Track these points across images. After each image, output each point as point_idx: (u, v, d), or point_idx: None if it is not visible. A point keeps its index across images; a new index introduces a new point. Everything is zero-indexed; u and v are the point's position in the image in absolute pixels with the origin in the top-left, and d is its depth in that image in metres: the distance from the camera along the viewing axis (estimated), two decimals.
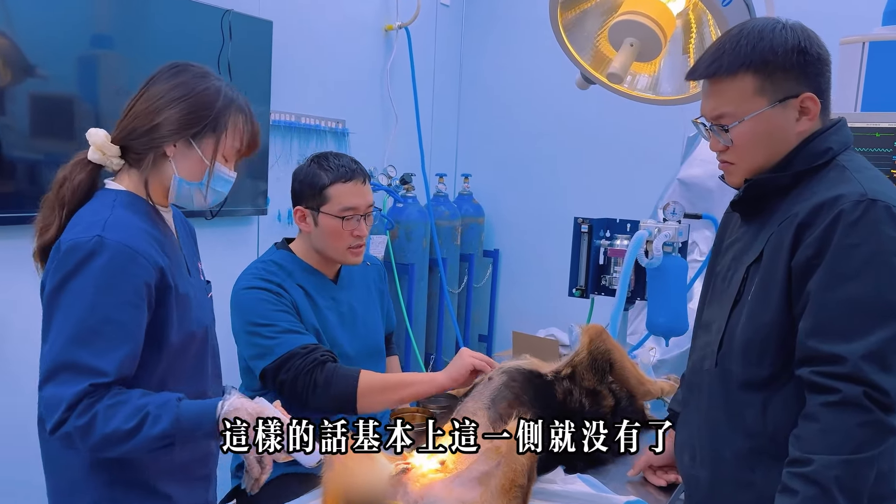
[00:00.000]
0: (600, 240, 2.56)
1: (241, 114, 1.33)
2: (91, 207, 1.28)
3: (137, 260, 1.22)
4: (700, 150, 3.37)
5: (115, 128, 1.31)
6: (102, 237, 1.19)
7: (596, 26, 1.91)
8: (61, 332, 1.19)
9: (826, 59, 1.26)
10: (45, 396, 1.20)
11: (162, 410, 1.20)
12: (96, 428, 1.17)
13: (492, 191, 4.20)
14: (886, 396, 1.09)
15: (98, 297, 1.18)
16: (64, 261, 1.20)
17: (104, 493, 1.28)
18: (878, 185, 1.17)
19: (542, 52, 3.97)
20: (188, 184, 1.30)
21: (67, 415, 1.17)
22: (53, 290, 1.21)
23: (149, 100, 1.29)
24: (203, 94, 1.29)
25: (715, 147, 1.34)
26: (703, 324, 1.41)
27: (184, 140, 1.28)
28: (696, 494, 1.36)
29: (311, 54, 3.30)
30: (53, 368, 1.19)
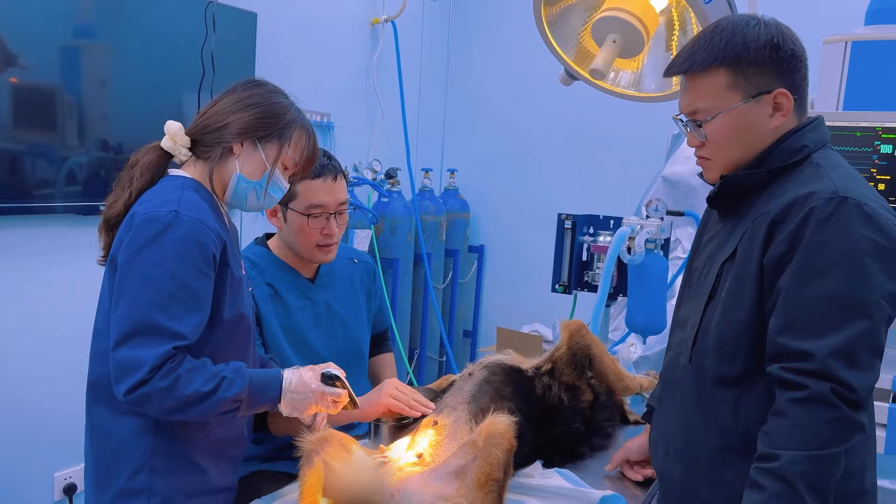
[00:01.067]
0: (583, 236, 2.56)
1: (305, 132, 1.45)
2: (161, 187, 1.38)
3: (208, 234, 1.30)
4: (684, 147, 3.39)
5: (193, 121, 1.44)
6: (178, 212, 1.28)
7: (579, 22, 1.91)
8: (139, 298, 1.25)
9: (801, 56, 1.27)
10: (121, 358, 1.24)
11: (236, 375, 1.31)
12: (178, 390, 1.24)
13: (477, 186, 4.21)
14: (854, 393, 1.10)
15: (176, 265, 1.26)
16: (140, 231, 1.28)
17: (147, 459, 1.34)
18: (850, 182, 1.18)
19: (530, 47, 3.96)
20: (246, 181, 1.40)
21: (150, 376, 1.22)
22: (129, 258, 1.27)
23: (227, 103, 1.40)
24: (275, 105, 1.41)
25: (692, 143, 1.35)
26: (680, 320, 1.42)
27: (251, 141, 1.39)
28: (670, 490, 1.37)
29: (296, 47, 3.29)
30: (131, 331, 1.24)
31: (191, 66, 2.71)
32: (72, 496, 2.52)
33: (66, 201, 2.43)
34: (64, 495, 2.51)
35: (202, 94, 2.75)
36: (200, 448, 1.38)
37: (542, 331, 3.77)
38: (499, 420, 1.36)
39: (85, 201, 2.48)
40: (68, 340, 2.48)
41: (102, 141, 2.54)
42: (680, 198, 3.30)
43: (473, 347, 4.20)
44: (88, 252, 2.53)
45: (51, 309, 2.46)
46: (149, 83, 2.60)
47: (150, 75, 2.60)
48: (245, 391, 1.30)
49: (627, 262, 2.21)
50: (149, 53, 2.59)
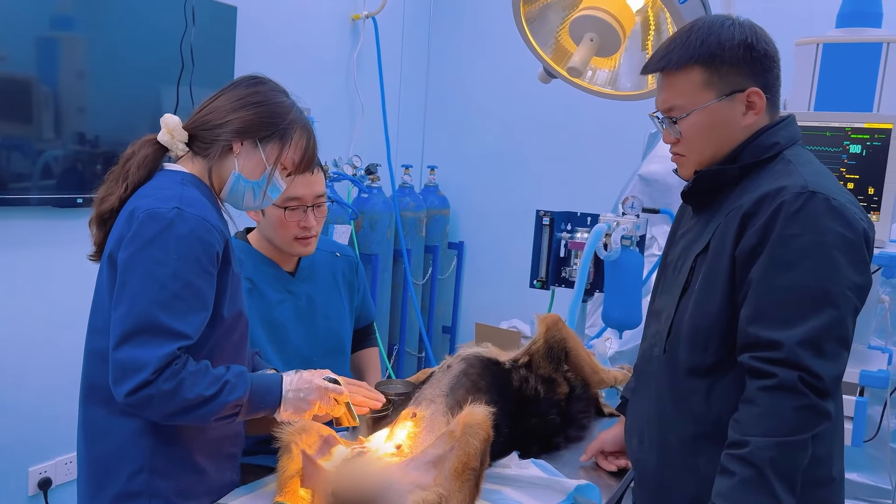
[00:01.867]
0: (561, 232, 2.59)
1: (306, 133, 1.44)
2: (160, 182, 1.35)
3: (212, 231, 1.29)
4: (661, 146, 3.43)
5: (190, 117, 1.41)
6: (181, 209, 1.26)
7: (557, 20, 1.94)
8: (142, 296, 1.22)
9: (773, 56, 1.30)
10: (122, 358, 1.21)
11: (238, 379, 1.29)
12: (181, 393, 1.22)
13: (457, 183, 4.22)
14: (820, 381, 1.13)
15: (180, 263, 1.24)
16: (143, 228, 1.25)
17: (147, 461, 1.31)
18: (820, 178, 1.22)
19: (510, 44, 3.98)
20: (245, 181, 1.38)
21: (154, 377, 1.19)
22: (132, 255, 1.24)
23: (228, 99, 1.38)
24: (277, 105, 1.40)
25: (667, 139, 1.38)
26: (654, 312, 1.44)
27: (251, 140, 1.37)
28: (645, 478, 1.40)
29: (277, 41, 3.28)
30: (133, 330, 1.21)
31: (170, 59, 2.70)
32: (46, 491, 2.50)
33: (42, 194, 2.41)
34: (38, 490, 2.48)
35: (181, 87, 2.74)
36: (200, 448, 1.36)
37: (521, 327, 3.79)
38: (476, 410, 1.38)
39: (60, 194, 2.46)
40: (43, 335, 2.46)
41: (79, 134, 2.52)
42: (656, 196, 3.35)
43: (452, 343, 4.22)
44: (65, 246, 2.54)
45: (25, 302, 2.43)
46: (126, 76, 2.58)
47: (128, 68, 2.58)
48: (246, 396, 1.28)
49: (604, 258, 2.24)
50: (127, 46, 2.57)
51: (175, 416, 1.25)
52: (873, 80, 2.37)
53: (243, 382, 1.29)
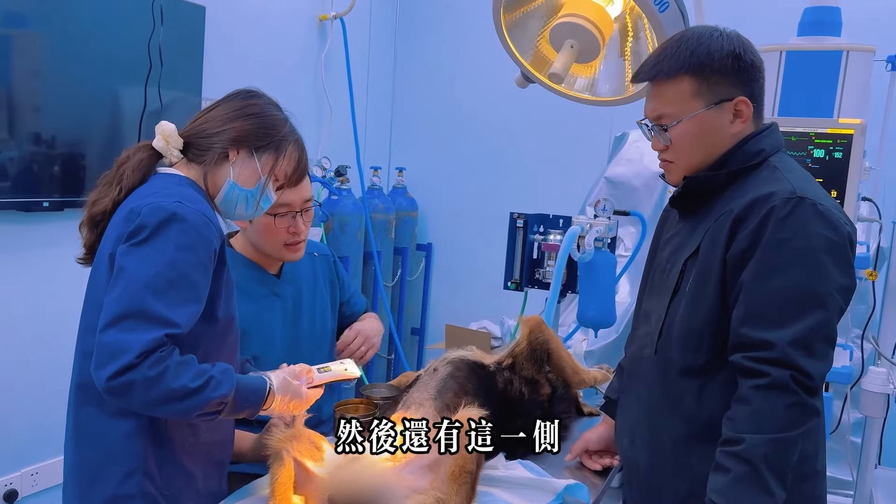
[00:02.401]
0: (534, 234, 2.62)
1: (299, 147, 1.48)
2: (158, 184, 1.35)
3: (211, 227, 1.29)
4: (626, 149, 3.50)
5: (187, 125, 1.43)
6: (182, 203, 1.27)
7: (537, 28, 1.96)
8: (135, 281, 1.22)
9: (759, 66, 1.35)
10: (108, 342, 1.19)
11: (224, 376, 1.27)
12: (164, 382, 1.19)
13: (425, 185, 4.23)
14: (811, 380, 1.18)
15: (178, 254, 1.24)
16: (146, 220, 1.25)
17: (140, 463, 1.30)
18: (806, 184, 1.27)
19: (478, 47, 4.02)
20: (239, 189, 1.40)
21: (139, 361, 1.17)
22: (131, 246, 1.24)
23: (225, 110, 1.41)
24: (273, 118, 1.44)
25: (656, 146, 1.41)
26: (643, 315, 1.48)
27: (247, 149, 1.40)
28: (636, 477, 1.43)
29: (245, 42, 3.24)
30: (122, 314, 1.20)
31: (137, 58, 2.64)
32: (13, 503, 2.43)
33: None
34: (4, 502, 2.41)
35: (149, 87, 2.68)
36: (191, 452, 1.35)
37: (490, 328, 3.82)
38: (470, 413, 1.39)
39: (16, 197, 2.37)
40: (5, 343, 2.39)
41: (35, 134, 2.44)
42: (622, 198, 3.41)
43: (421, 345, 4.22)
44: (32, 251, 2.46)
45: None
46: (88, 75, 2.51)
47: (89, 67, 2.52)
48: (231, 394, 1.27)
49: (578, 259, 2.27)
50: (89, 44, 2.50)
51: (157, 406, 1.21)
52: (834, 87, 2.45)
53: (229, 379, 1.27)
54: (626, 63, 1.93)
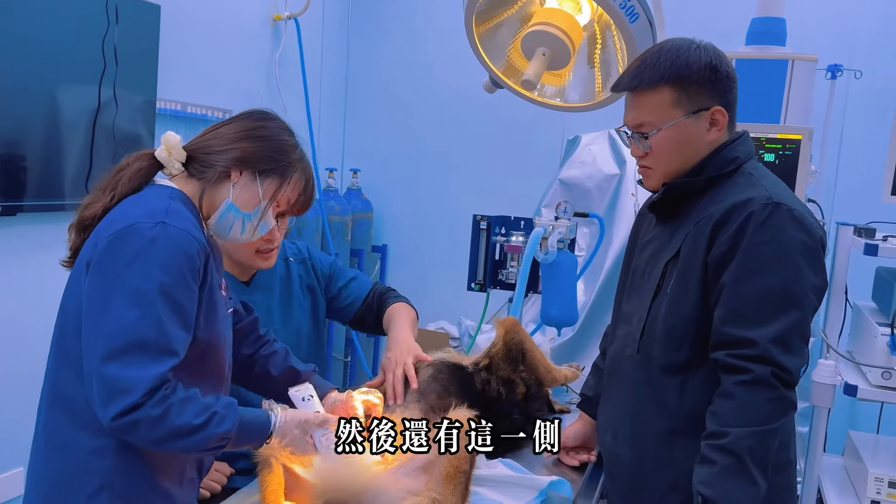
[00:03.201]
0: (496, 236, 2.66)
1: (306, 175, 1.42)
2: (147, 195, 1.30)
3: (194, 244, 1.24)
4: (579, 152, 3.58)
5: (193, 139, 1.39)
6: (166, 223, 1.22)
7: (509, 36, 2.00)
8: (127, 313, 1.17)
9: (733, 77, 1.42)
10: (111, 377, 1.15)
11: (227, 411, 1.23)
12: (168, 419, 1.16)
13: (380, 186, 4.23)
14: (789, 375, 1.25)
15: (166, 279, 1.19)
16: (127, 241, 1.20)
17: (105, 480, 1.25)
18: (780, 190, 1.34)
19: (431, 49, 4.06)
20: (236, 210, 1.36)
21: (144, 400, 1.15)
22: (117, 270, 1.20)
23: (234, 129, 1.37)
24: (284, 143, 1.39)
25: (635, 153, 1.46)
26: (623, 315, 1.53)
27: (250, 172, 1.35)
28: (619, 472, 1.49)
29: (200, 41, 3.18)
30: (120, 348, 1.16)
31: (91, 58, 2.57)
32: None
33: None
34: None
35: (103, 87, 2.61)
36: (163, 471, 1.31)
37: (448, 328, 3.86)
38: (461, 414, 1.42)
39: None
40: None
41: None
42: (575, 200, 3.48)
43: (377, 348, 4.22)
44: None
45: None
46: (31, 74, 2.42)
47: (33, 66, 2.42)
48: (235, 429, 1.24)
49: (541, 260, 2.32)
50: (34, 43, 2.41)
51: (162, 443, 1.20)
52: (780, 94, 2.58)
53: (232, 414, 1.25)
54: (594, 70, 1.99)
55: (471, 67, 2.31)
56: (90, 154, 2.61)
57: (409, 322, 1.96)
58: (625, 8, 1.76)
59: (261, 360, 1.61)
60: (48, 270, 2.53)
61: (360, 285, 2.06)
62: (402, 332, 1.85)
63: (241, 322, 1.59)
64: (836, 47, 3.09)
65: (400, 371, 1.68)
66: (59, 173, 2.54)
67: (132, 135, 2.78)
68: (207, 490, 1.61)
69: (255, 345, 1.61)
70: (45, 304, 2.52)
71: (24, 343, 2.52)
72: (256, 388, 1.62)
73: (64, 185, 2.56)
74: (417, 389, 1.66)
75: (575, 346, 3.17)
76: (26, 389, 2.45)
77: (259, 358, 1.61)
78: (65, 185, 2.56)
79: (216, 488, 1.63)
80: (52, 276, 2.53)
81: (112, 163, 2.60)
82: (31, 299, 2.54)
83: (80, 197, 2.47)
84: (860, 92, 3.12)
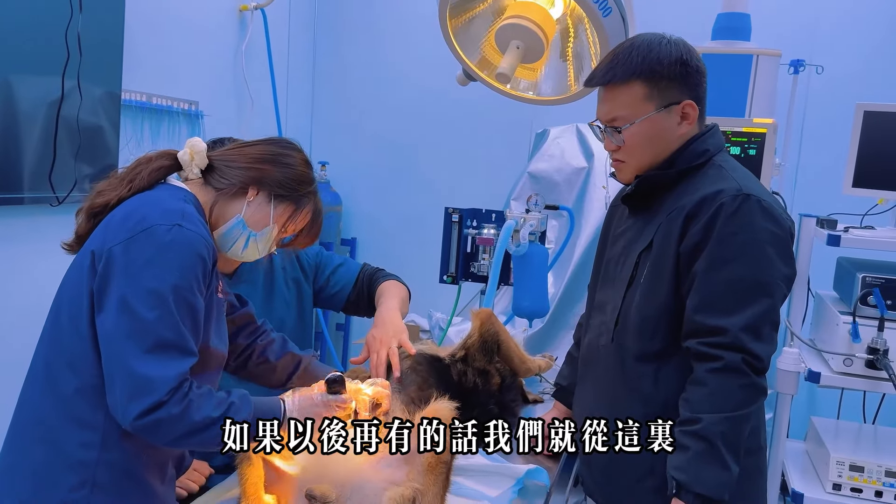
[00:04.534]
0: (468, 229, 2.67)
1: (315, 210, 1.49)
2: (162, 195, 1.32)
3: (208, 250, 1.27)
4: (547, 146, 3.62)
5: (219, 150, 1.43)
6: (182, 226, 1.25)
7: (482, 29, 2.01)
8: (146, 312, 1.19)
9: (703, 70, 1.45)
10: (135, 375, 1.17)
11: (242, 401, 1.26)
12: (189, 415, 1.19)
13: (349, 179, 4.21)
14: (760, 362, 1.29)
15: (180, 280, 1.22)
16: (144, 243, 1.22)
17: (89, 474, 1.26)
18: (749, 182, 1.38)
19: (400, 41, 4.04)
20: (244, 227, 1.39)
21: (167, 398, 1.17)
22: (132, 270, 1.21)
23: (261, 150, 1.42)
24: (304, 174, 1.45)
25: (608, 147, 1.49)
26: (597, 305, 1.56)
27: (267, 193, 1.40)
28: (594, 459, 1.51)
29: (165, 31, 3.12)
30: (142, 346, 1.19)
31: (54, 48, 2.51)
32: None
33: None
34: None
35: (67, 78, 2.55)
36: (146, 466, 1.32)
37: (419, 321, 3.86)
38: (442, 406, 1.43)
39: None
40: None
41: None
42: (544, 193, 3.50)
43: (346, 341, 4.21)
44: None
45: None
46: None
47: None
48: (250, 418, 1.27)
49: (513, 252, 2.34)
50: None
51: (183, 440, 1.22)
52: (745, 88, 2.64)
53: (247, 404, 1.28)
54: (567, 64, 2.01)
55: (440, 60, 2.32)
56: (53, 146, 2.55)
57: (399, 300, 1.96)
58: (598, 2, 1.78)
59: (258, 349, 1.63)
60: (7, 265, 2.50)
61: (348, 271, 2.06)
62: (390, 312, 1.86)
63: (235, 313, 1.60)
64: (798, 43, 3.17)
65: (384, 354, 1.69)
66: (17, 166, 2.48)
67: (95, 127, 2.72)
68: (185, 489, 1.61)
69: (252, 335, 1.64)
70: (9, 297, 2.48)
71: None
72: (256, 377, 1.65)
73: (23, 178, 2.49)
74: (398, 379, 1.67)
75: (545, 336, 3.20)
76: None
77: (256, 346, 1.63)
78: (24, 179, 2.50)
79: (193, 488, 1.63)
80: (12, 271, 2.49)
81: (75, 156, 2.59)
82: None
83: (43, 191, 2.48)
84: (821, 87, 3.19)
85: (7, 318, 2.50)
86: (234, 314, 1.60)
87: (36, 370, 1.31)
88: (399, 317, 1.85)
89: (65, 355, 1.26)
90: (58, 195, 2.57)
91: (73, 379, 1.25)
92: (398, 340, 1.73)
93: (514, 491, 1.58)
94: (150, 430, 1.19)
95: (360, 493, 1.34)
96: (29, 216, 2.57)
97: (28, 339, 1.34)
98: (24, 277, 2.52)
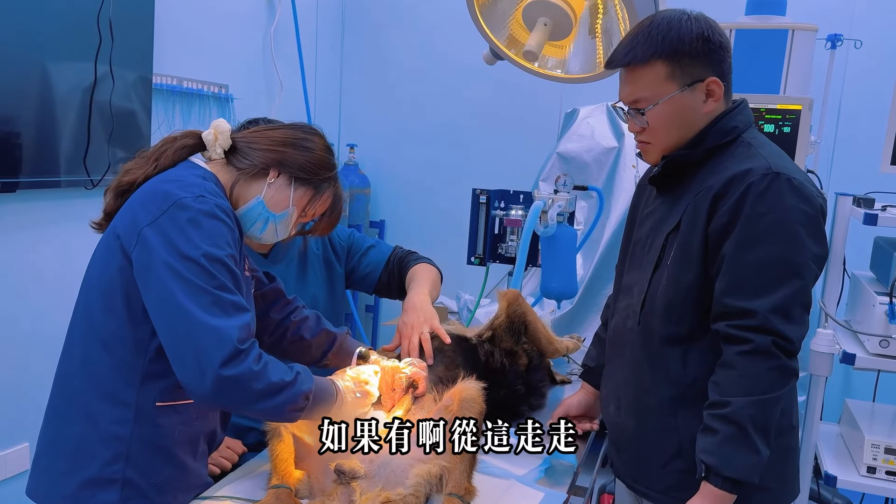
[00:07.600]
0: (496, 210, 2.66)
1: (335, 195, 1.51)
2: (184, 173, 1.35)
3: (233, 221, 1.33)
4: (577, 126, 3.58)
5: (244, 132, 1.45)
6: (205, 197, 1.29)
7: (510, 7, 1.99)
8: (191, 276, 1.21)
9: (727, 46, 1.41)
10: (204, 329, 1.19)
11: (304, 372, 1.29)
12: (267, 375, 1.21)
13: (377, 161, 4.22)
14: (790, 344, 1.27)
15: (215, 246, 1.25)
16: (175, 212, 1.25)
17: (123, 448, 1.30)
18: (779, 159, 1.35)
19: (428, 23, 4.02)
20: (264, 208, 1.42)
21: (245, 347, 1.19)
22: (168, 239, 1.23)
23: (284, 134, 1.44)
24: (325, 159, 1.47)
25: (633, 128, 1.46)
26: (624, 287, 1.54)
27: (287, 176, 1.42)
28: (623, 441, 1.51)
29: (195, 15, 3.15)
30: (200, 306, 1.21)
31: (86, 34, 2.54)
32: None
33: None
34: None
35: (100, 64, 2.59)
36: (179, 442, 1.35)
37: (447, 303, 3.87)
38: (470, 385, 1.44)
39: None
40: None
41: None
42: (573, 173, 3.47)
43: (376, 322, 4.24)
44: None
45: None
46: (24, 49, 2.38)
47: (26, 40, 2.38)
48: (313, 389, 1.29)
49: (541, 233, 2.33)
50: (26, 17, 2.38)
51: (257, 402, 1.22)
52: (780, 64, 2.58)
53: (309, 377, 1.31)
54: (596, 41, 1.98)
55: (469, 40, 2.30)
56: (87, 131, 2.59)
57: (430, 283, 1.96)
58: None
59: (293, 326, 1.65)
60: (46, 248, 2.56)
61: (379, 253, 2.07)
62: (420, 296, 1.86)
63: (263, 288, 1.62)
64: (835, 17, 3.08)
65: (416, 340, 1.70)
66: (54, 151, 2.53)
67: (128, 111, 2.77)
68: (217, 467, 1.64)
69: (284, 310, 1.65)
70: (44, 279, 2.54)
71: (24, 319, 2.53)
72: (291, 354, 1.66)
73: (60, 162, 2.54)
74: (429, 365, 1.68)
75: (574, 318, 3.19)
76: (28, 365, 2.48)
77: (290, 324, 1.65)
78: (61, 163, 2.55)
79: (226, 465, 1.65)
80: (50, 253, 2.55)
81: (108, 140, 2.63)
82: (29, 276, 2.54)
83: (78, 174, 2.53)
84: (860, 62, 3.11)
85: (47, 297, 2.56)
86: (263, 289, 1.62)
87: (71, 347, 1.35)
88: (429, 302, 1.86)
89: (97, 332, 1.29)
90: (92, 178, 2.62)
91: (105, 356, 1.28)
92: (430, 326, 1.73)
93: (541, 470, 1.58)
94: (231, 386, 1.19)
95: (387, 468, 1.35)
96: (65, 199, 2.62)
97: (67, 317, 1.38)
98: (61, 259, 2.58)
